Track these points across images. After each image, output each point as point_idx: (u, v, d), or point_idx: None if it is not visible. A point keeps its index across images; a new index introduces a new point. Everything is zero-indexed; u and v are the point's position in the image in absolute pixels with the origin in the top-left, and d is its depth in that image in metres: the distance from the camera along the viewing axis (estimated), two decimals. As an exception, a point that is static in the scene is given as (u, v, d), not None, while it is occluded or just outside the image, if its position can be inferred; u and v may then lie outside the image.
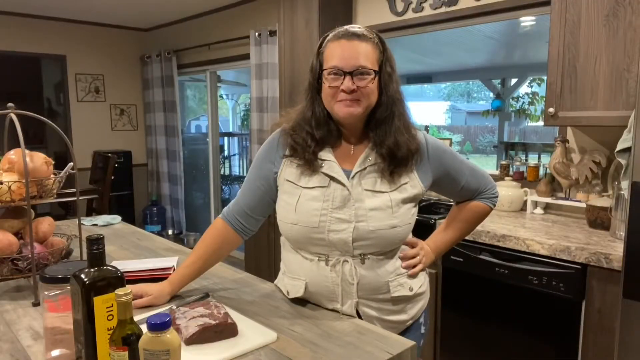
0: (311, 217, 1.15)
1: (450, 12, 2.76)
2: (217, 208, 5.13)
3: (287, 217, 1.20)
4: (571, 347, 1.84)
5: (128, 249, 1.77)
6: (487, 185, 1.36)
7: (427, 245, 1.34)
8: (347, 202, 1.15)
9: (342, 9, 3.24)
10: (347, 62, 1.11)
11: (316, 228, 1.15)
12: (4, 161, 1.31)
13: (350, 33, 1.13)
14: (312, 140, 1.18)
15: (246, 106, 8.83)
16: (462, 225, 1.38)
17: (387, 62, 1.16)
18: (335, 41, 1.14)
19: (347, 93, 1.11)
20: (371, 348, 1.00)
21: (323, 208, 1.15)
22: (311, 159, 1.18)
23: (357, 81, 1.11)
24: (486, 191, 1.36)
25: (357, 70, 1.11)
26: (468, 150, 13.12)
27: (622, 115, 1.89)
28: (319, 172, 1.18)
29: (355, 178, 1.16)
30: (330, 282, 1.16)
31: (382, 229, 1.14)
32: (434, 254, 1.35)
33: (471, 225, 1.39)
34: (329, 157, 1.19)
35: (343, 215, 1.14)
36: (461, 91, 15.80)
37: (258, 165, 1.28)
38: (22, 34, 4.76)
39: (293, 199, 1.19)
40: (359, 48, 1.11)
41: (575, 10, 2.00)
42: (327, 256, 1.17)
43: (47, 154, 1.45)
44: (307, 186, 1.18)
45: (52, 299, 0.95)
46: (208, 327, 0.99)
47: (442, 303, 2.24)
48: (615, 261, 1.68)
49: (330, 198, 1.15)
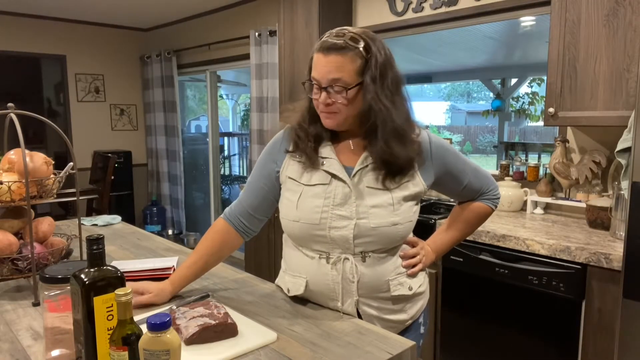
0: (313, 214, 1.16)
1: (450, 12, 2.76)
2: (217, 208, 5.13)
3: (288, 214, 1.21)
4: (571, 347, 1.84)
5: (128, 249, 1.77)
6: (490, 186, 1.36)
7: (428, 245, 1.34)
8: (348, 199, 1.15)
9: (342, 9, 3.24)
10: (322, 76, 1.11)
11: (317, 225, 1.15)
12: (4, 161, 1.31)
13: (327, 46, 1.10)
14: (310, 136, 1.20)
15: (246, 106, 8.83)
16: (464, 226, 1.38)
17: (380, 69, 1.11)
18: (317, 52, 1.13)
19: (324, 105, 1.13)
20: (371, 348, 1.00)
21: (324, 205, 1.15)
22: (312, 155, 1.18)
23: (332, 95, 1.11)
24: (488, 192, 1.36)
25: (330, 85, 1.11)
26: (468, 150, 13.12)
27: (622, 115, 1.89)
28: (320, 170, 1.18)
29: (357, 175, 1.17)
30: (330, 280, 1.17)
31: (384, 226, 1.14)
32: (434, 254, 1.34)
33: (473, 226, 1.39)
34: (330, 155, 1.19)
35: (344, 212, 1.14)
36: (461, 91, 15.80)
37: (261, 165, 1.29)
38: (22, 34, 4.75)
39: (295, 196, 1.20)
40: (335, 62, 1.09)
41: (575, 10, 2.00)
42: (328, 254, 1.17)
43: (47, 154, 1.45)
44: (308, 183, 1.19)
45: (52, 299, 0.95)
46: (208, 327, 0.99)
47: (442, 303, 2.24)
48: (615, 261, 1.68)
49: (331, 195, 1.16)
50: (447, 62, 6.65)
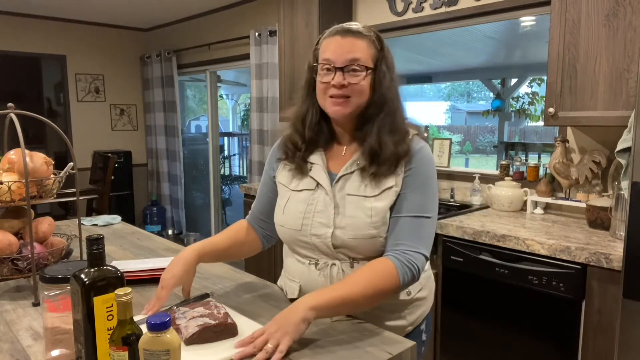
0: (296, 219, 1.17)
1: (450, 12, 2.76)
2: (217, 208, 5.13)
3: (277, 218, 1.23)
4: (571, 347, 1.84)
5: (128, 249, 1.77)
6: (415, 247, 1.08)
7: (304, 300, 0.99)
8: (328, 207, 1.14)
9: (342, 9, 3.24)
10: (339, 56, 1.09)
11: (299, 231, 1.16)
12: (4, 161, 1.31)
13: (345, 29, 1.12)
14: (303, 143, 1.19)
15: (246, 106, 8.83)
16: (351, 279, 1.04)
17: (384, 60, 1.13)
18: (330, 37, 1.13)
19: (337, 88, 1.09)
20: (371, 348, 1.00)
21: (307, 211, 1.16)
22: (300, 164, 1.19)
23: (348, 77, 1.09)
24: (406, 251, 1.07)
25: (348, 65, 1.09)
26: (468, 150, 13.12)
27: (622, 115, 1.89)
28: (308, 176, 1.19)
29: (339, 182, 1.15)
30: (320, 286, 1.15)
31: (360, 237, 1.10)
32: (308, 310, 0.96)
33: (356, 284, 1.01)
34: (318, 161, 1.19)
35: (323, 220, 1.14)
36: (461, 91, 15.80)
37: (264, 172, 1.34)
38: (22, 34, 4.75)
39: (283, 201, 1.22)
40: (353, 43, 1.10)
41: (575, 10, 2.00)
42: (317, 260, 1.18)
43: (47, 154, 1.45)
44: (296, 189, 1.20)
45: (52, 299, 0.95)
46: (208, 327, 0.99)
47: (442, 303, 2.24)
48: (615, 261, 1.68)
49: (314, 202, 1.16)
50: (447, 62, 6.65)
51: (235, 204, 6.36)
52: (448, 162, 2.99)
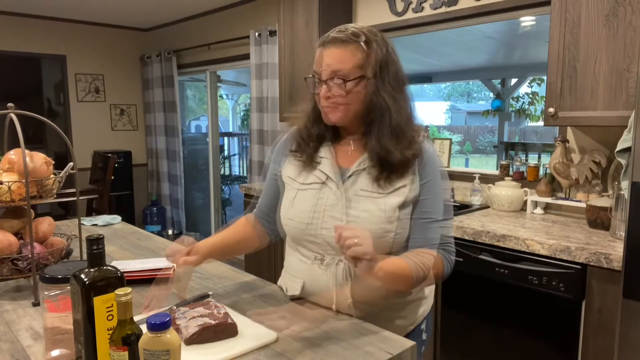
0: (305, 213, 1.16)
1: (450, 12, 2.76)
2: (217, 208, 5.13)
3: (284, 212, 1.22)
4: (571, 347, 1.84)
5: (128, 249, 1.77)
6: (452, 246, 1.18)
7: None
8: (339, 202, 1.14)
9: (342, 9, 3.24)
10: (322, 69, 1.11)
11: (310, 224, 1.15)
12: (4, 161, 1.31)
13: (330, 39, 1.11)
14: (312, 137, 1.20)
15: (246, 106, 8.82)
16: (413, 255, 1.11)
17: (381, 64, 1.10)
18: (319, 47, 1.14)
19: (325, 99, 1.12)
20: (371, 348, 1.00)
21: (317, 205, 1.15)
22: (311, 155, 1.19)
23: (332, 89, 1.10)
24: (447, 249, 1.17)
25: (330, 78, 1.10)
26: (468, 150, 13.13)
27: (622, 115, 1.89)
28: (317, 170, 1.18)
29: (351, 178, 1.15)
30: (324, 283, 1.16)
31: (374, 232, 1.07)
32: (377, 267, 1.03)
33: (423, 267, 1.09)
34: (327, 155, 1.19)
35: (335, 214, 1.13)
36: (461, 91, 15.81)
37: (270, 168, 1.34)
38: (22, 34, 4.75)
39: (291, 195, 1.21)
40: (335, 55, 1.09)
41: (575, 10, 2.00)
42: (322, 256, 1.17)
43: (47, 154, 1.45)
44: (304, 183, 1.19)
45: (52, 299, 0.95)
46: (208, 327, 0.99)
47: (442, 303, 2.24)
48: (615, 261, 1.68)
49: (324, 196, 1.15)
50: (447, 62, 6.65)
51: (235, 204, 6.36)
52: (448, 162, 2.99)
